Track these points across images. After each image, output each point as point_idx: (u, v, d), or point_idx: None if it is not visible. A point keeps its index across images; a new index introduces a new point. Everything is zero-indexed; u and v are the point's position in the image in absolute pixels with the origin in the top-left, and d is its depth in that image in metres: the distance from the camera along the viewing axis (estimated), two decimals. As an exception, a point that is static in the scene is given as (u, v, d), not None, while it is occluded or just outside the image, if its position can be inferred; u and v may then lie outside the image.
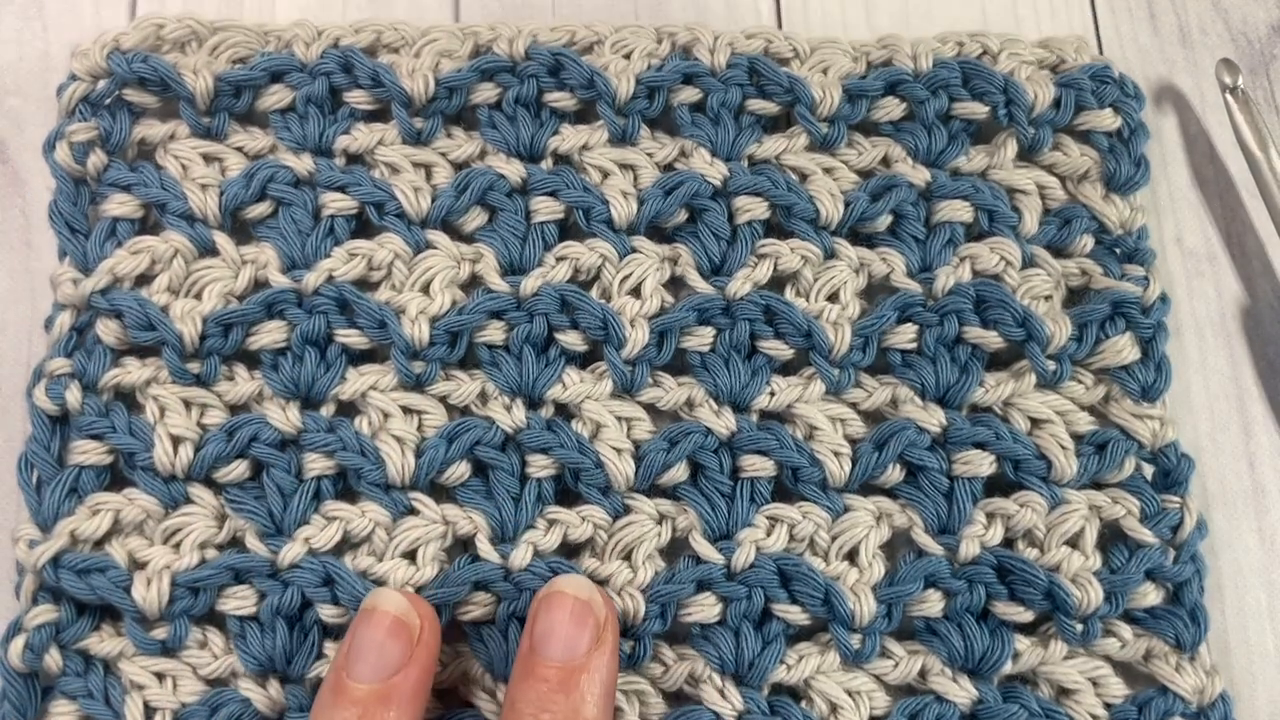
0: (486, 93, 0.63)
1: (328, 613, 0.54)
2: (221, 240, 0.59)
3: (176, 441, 0.55)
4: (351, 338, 0.58)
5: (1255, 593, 0.60)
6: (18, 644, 0.53)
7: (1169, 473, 0.58)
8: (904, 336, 0.60)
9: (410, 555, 0.55)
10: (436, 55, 0.63)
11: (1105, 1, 0.70)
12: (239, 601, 0.54)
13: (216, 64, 0.62)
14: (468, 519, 0.56)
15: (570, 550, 0.56)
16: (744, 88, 0.63)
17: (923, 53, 0.64)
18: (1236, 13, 0.70)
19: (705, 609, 0.55)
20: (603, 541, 0.56)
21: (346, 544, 0.56)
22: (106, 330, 0.57)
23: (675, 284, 0.61)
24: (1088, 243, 0.62)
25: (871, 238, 0.62)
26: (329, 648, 0.54)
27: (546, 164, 0.62)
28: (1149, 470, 0.59)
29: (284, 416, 0.56)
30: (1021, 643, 0.56)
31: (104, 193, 0.60)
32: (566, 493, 0.58)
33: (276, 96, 0.62)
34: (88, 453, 0.56)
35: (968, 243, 0.61)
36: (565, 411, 0.58)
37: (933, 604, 0.56)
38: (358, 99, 0.62)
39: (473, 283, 0.60)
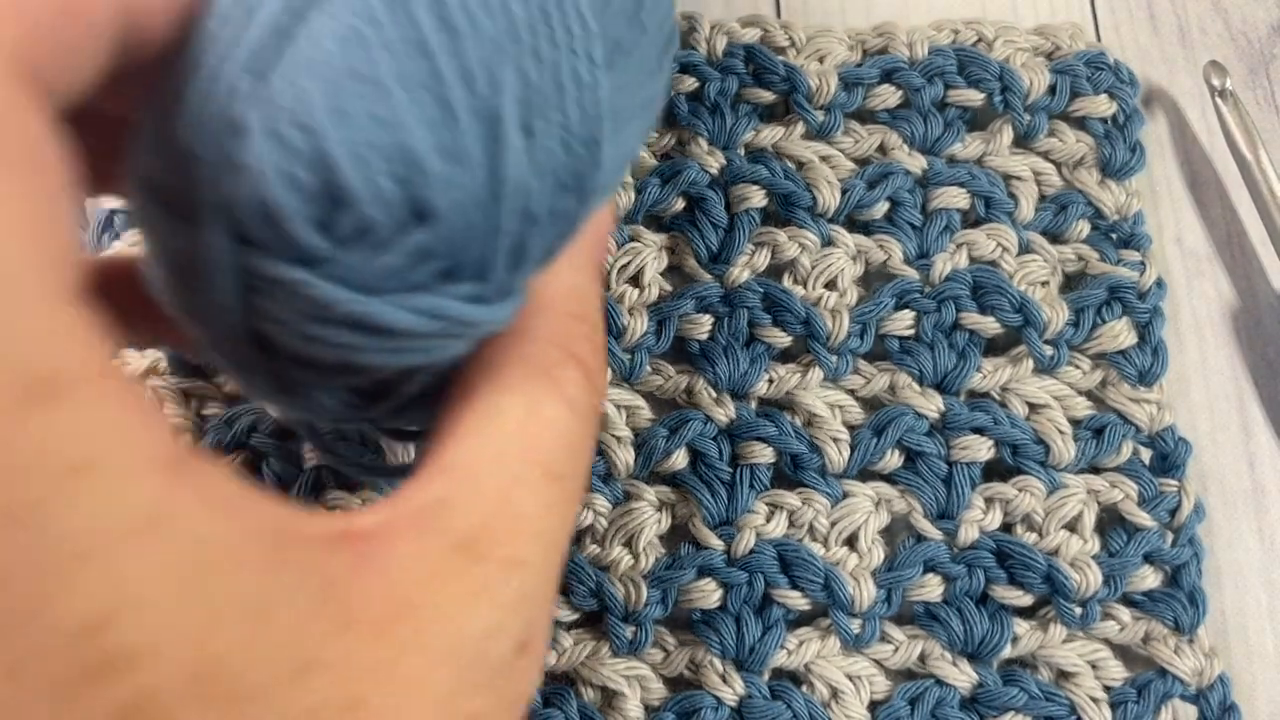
0: (483, 83, 0.63)
1: (329, 602, 0.54)
2: (219, 231, 0.59)
3: (176, 432, 0.56)
4: (350, 328, 0.58)
5: (1255, 593, 0.59)
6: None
7: (1166, 456, 0.59)
8: (902, 323, 0.60)
9: (411, 544, 0.55)
10: (433, 46, 0.63)
11: (1105, 1, 0.70)
12: (240, 591, 0.54)
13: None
14: (468, 507, 0.56)
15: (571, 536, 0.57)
16: (740, 76, 0.63)
17: (918, 40, 0.64)
18: (1236, 13, 0.69)
19: (706, 595, 0.55)
20: (603, 528, 0.56)
21: (347, 533, 0.56)
22: (105, 322, 0.57)
23: (673, 272, 0.61)
24: (1084, 228, 0.62)
25: (868, 225, 0.62)
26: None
27: (544, 153, 0.62)
28: (1146, 454, 0.59)
29: (283, 406, 0.56)
30: (1021, 626, 0.56)
31: (101, 185, 0.60)
32: (566, 481, 0.58)
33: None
34: (87, 444, 0.56)
35: (964, 229, 0.62)
36: (564, 400, 0.58)
37: (932, 589, 0.56)
38: (355, 90, 0.62)
39: (471, 272, 0.60)
